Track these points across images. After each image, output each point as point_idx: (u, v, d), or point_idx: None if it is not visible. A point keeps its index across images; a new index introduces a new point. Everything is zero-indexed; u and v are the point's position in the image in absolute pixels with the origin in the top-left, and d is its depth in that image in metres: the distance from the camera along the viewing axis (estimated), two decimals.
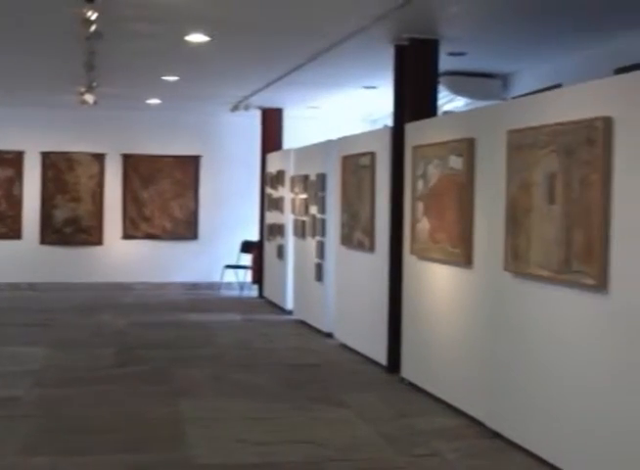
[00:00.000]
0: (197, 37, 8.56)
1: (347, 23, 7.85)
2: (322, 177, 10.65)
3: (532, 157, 5.52)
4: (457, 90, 10.47)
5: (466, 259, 6.54)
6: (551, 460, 5.41)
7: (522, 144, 5.65)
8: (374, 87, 11.63)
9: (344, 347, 9.64)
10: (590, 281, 4.92)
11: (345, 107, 14.13)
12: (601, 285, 4.85)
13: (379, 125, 12.59)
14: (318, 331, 10.75)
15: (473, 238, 6.48)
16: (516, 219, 5.73)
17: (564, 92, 5.88)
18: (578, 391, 5.14)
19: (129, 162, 15.25)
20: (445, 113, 10.74)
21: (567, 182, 5.15)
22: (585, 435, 5.06)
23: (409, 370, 7.80)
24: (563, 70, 9.20)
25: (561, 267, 5.21)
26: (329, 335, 10.33)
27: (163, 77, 11.42)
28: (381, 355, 8.47)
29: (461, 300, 6.76)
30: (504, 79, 10.54)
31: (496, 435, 6.08)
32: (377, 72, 10.21)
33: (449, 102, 11.18)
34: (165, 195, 15.42)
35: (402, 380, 7.87)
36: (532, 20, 7.69)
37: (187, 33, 8.41)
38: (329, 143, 10.64)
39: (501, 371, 6.05)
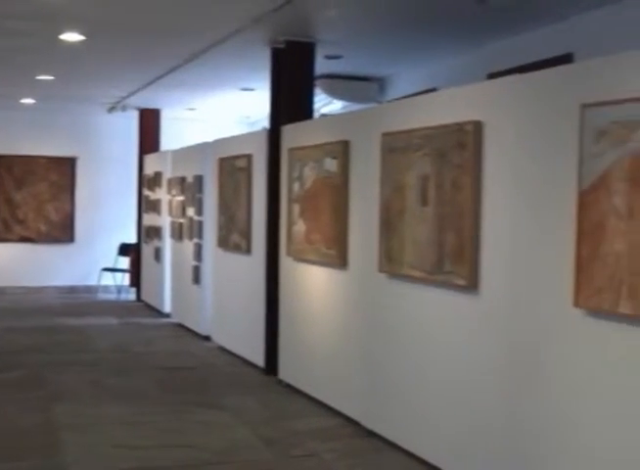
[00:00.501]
0: (72, 36, 8.40)
1: (224, 25, 7.83)
2: (199, 179, 10.58)
3: (406, 160, 5.60)
4: (333, 93, 10.55)
5: (341, 261, 6.59)
6: (426, 458, 5.50)
7: (395, 147, 5.73)
8: (252, 89, 11.62)
9: (223, 349, 9.60)
10: (461, 282, 5.03)
11: (223, 108, 14.07)
12: (472, 285, 4.96)
13: (257, 127, 12.59)
14: (196, 334, 10.68)
15: (348, 240, 6.54)
16: (389, 221, 5.80)
17: (436, 96, 6.00)
18: (451, 389, 5.24)
19: (2, 162, 14.79)
20: (323, 115, 10.82)
21: (439, 185, 5.25)
22: (459, 432, 5.16)
23: (287, 372, 7.82)
24: (438, 74, 9.37)
25: (433, 268, 5.30)
26: (207, 338, 10.29)
27: (38, 77, 11.15)
28: (258, 358, 8.47)
29: (337, 301, 6.81)
30: (380, 83, 10.67)
31: (372, 434, 6.15)
32: (254, 75, 10.21)
33: (326, 105, 11.26)
34: (40, 197, 15.04)
35: (280, 382, 7.88)
36: (408, 25, 7.80)
37: (61, 32, 8.23)
38: (206, 145, 10.58)
39: (376, 371, 6.12)
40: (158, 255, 12.72)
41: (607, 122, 3.91)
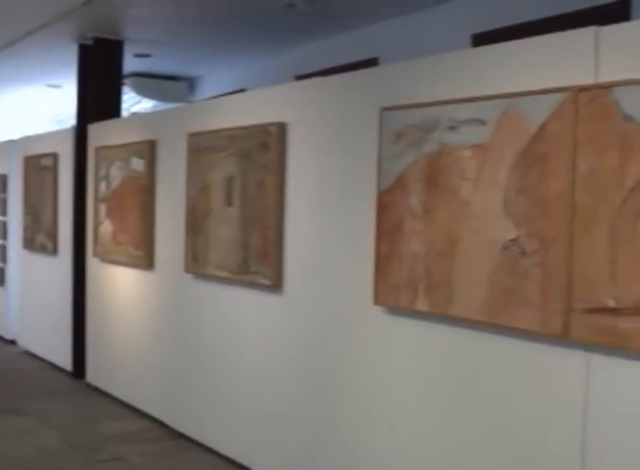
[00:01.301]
0: None
1: (29, 19, 7.60)
2: (3, 178, 10.20)
3: (211, 160, 5.61)
4: (143, 92, 10.44)
5: (148, 262, 6.53)
6: (234, 457, 5.53)
7: (201, 147, 5.72)
8: (58, 86, 11.33)
9: (29, 354, 9.31)
10: (266, 281, 5.07)
11: (30, 105, 13.64)
12: (276, 285, 5.01)
13: (66, 125, 12.27)
14: (1, 338, 10.31)
15: (154, 240, 6.48)
16: (196, 221, 5.79)
17: (242, 97, 6.03)
18: (258, 387, 5.28)
19: None
20: (133, 114, 10.68)
21: (244, 185, 5.28)
22: (266, 430, 5.21)
23: (95, 375, 7.68)
24: (248, 75, 9.43)
25: (239, 268, 5.33)
26: (12, 342, 9.94)
27: None
28: (66, 361, 8.27)
29: (144, 302, 6.74)
30: (190, 83, 10.65)
31: (181, 435, 6.13)
32: (61, 71, 9.97)
33: (137, 103, 11.12)
34: None
35: (88, 385, 7.73)
36: (218, 26, 7.82)
37: None
38: (10, 143, 10.22)
39: (184, 372, 6.10)
40: None
41: (404, 125, 4.04)
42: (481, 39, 6.18)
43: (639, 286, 2.99)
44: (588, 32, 3.26)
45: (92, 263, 7.65)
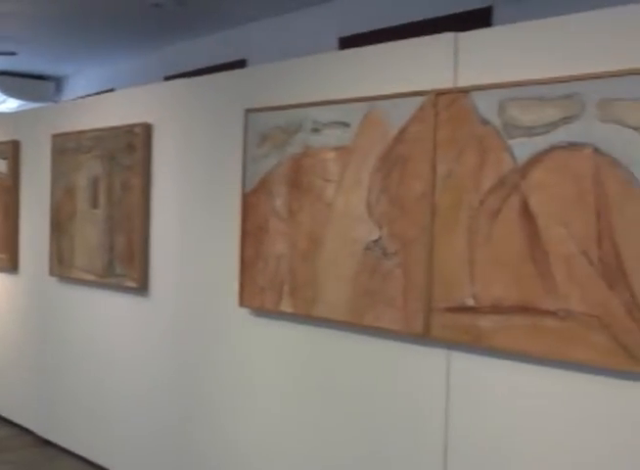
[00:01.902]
0: None
1: None
2: None
3: (76, 161, 5.51)
4: (8, 91, 10.19)
5: (12, 265, 6.36)
6: (101, 463, 5.44)
7: (66, 148, 5.62)
8: None
9: None
10: (132, 284, 5.01)
11: None
12: (142, 287, 4.96)
13: None
14: None
15: (19, 243, 6.32)
16: (60, 224, 5.68)
17: (108, 97, 5.93)
18: (125, 391, 5.21)
19: None
20: None
21: (109, 187, 5.20)
22: (134, 434, 5.15)
23: None
24: (117, 75, 9.30)
25: (104, 271, 5.25)
26: None
27: None
28: None
29: (8, 307, 6.56)
30: (57, 82, 10.43)
31: (48, 443, 6.00)
32: None
33: (2, 103, 10.83)
34: None
35: None
36: (83, 24, 7.70)
37: None
38: None
39: (49, 377, 5.96)
40: None
41: (269, 127, 4.05)
42: (348, 42, 6.26)
43: (496, 285, 3.07)
44: (447, 38, 3.33)
45: None
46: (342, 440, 3.77)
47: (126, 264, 5.05)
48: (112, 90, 7.94)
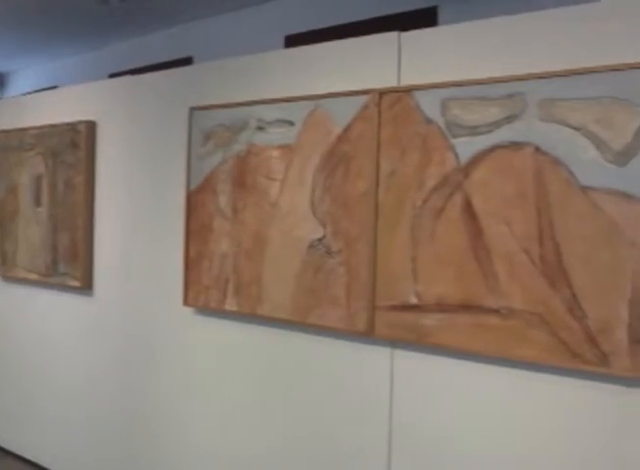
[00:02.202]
0: None
1: None
2: None
3: (19, 159, 5.43)
4: None
5: None
6: (46, 465, 5.37)
7: (8, 146, 5.54)
8: None
9: None
10: (76, 283, 4.96)
11: None
12: (86, 286, 4.91)
13: None
14: None
15: None
16: (3, 222, 5.60)
17: (52, 95, 5.85)
18: (70, 390, 5.16)
19: None
20: None
21: (53, 185, 5.14)
22: (78, 433, 5.10)
23: None
24: (60, 72, 9.19)
25: (48, 271, 5.19)
26: None
27: None
28: None
29: None
30: (0, 79, 10.29)
31: None
32: None
33: None
34: None
35: None
36: (26, 19, 7.59)
37: None
38: None
39: None
40: None
41: (213, 125, 4.04)
42: (294, 40, 6.25)
43: (439, 284, 3.09)
44: (391, 37, 3.34)
45: None
46: (287, 439, 3.77)
47: (70, 263, 5.00)
48: (55, 87, 7.85)
